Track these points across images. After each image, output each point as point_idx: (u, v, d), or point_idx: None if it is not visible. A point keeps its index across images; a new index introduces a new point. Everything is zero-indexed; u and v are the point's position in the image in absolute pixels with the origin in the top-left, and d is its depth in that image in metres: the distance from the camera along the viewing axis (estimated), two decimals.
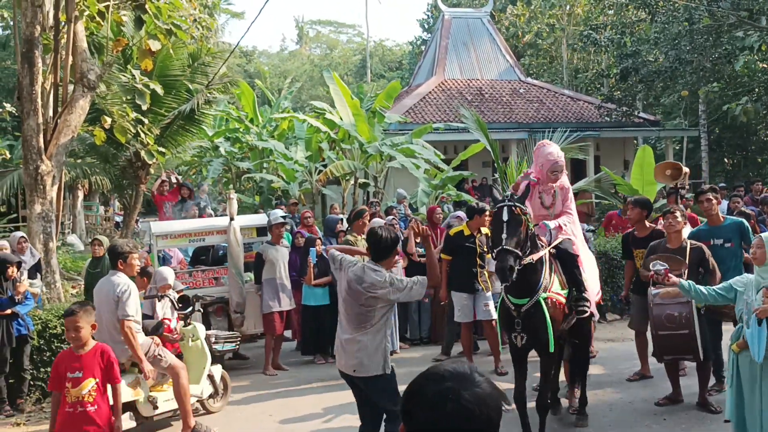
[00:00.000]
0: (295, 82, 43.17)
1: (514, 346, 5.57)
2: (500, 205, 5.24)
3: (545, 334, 5.29)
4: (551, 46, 36.26)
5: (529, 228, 5.28)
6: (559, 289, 5.54)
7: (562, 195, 5.91)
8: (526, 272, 5.28)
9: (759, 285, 4.96)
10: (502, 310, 5.57)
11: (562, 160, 5.87)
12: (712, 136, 28.17)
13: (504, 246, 5.04)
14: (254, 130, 22.00)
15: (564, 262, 5.66)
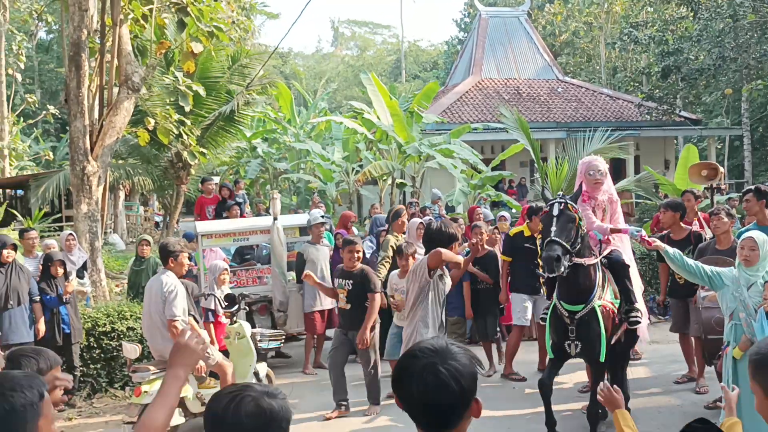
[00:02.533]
0: (330, 83, 43.43)
1: (565, 354, 5.52)
2: (551, 202, 5.26)
3: (599, 342, 5.24)
4: (588, 44, 35.86)
5: (581, 227, 5.24)
6: (612, 298, 5.51)
7: (611, 209, 5.91)
8: (579, 276, 5.26)
9: (749, 282, 4.94)
10: (554, 317, 5.52)
11: (600, 164, 5.82)
12: (755, 135, 27.59)
13: (552, 237, 5.04)
14: (291, 131, 22.19)
15: (616, 272, 5.61)
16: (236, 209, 10.71)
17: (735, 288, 5.00)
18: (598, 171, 5.79)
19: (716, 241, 6.38)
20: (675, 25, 21.38)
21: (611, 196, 5.90)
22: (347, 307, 6.62)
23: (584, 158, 6.09)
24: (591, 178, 5.80)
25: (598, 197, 5.84)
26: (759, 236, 5.07)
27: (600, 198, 5.85)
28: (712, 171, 9.46)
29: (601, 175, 5.81)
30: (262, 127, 24.55)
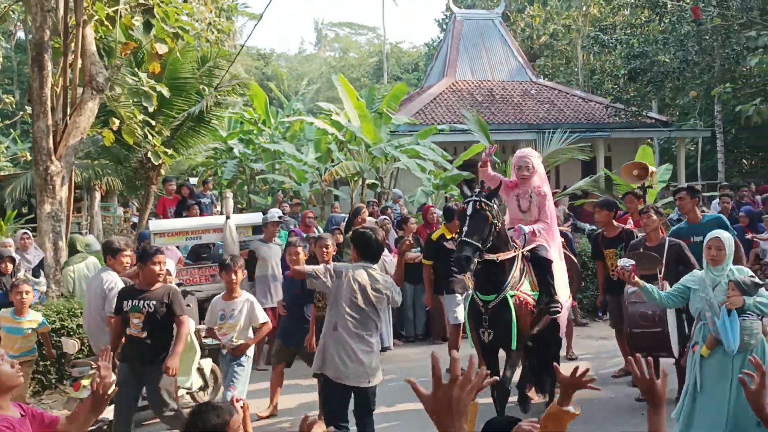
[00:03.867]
0: (312, 84, 43.52)
1: (482, 343, 5.71)
2: (467, 200, 5.42)
3: (510, 331, 5.42)
4: (567, 47, 36.18)
5: (495, 224, 5.39)
6: (529, 290, 5.68)
7: (538, 201, 6.00)
8: (493, 269, 5.43)
9: (714, 281, 5.08)
10: (472, 306, 5.72)
11: (530, 159, 5.98)
12: (728, 136, 27.95)
13: (463, 237, 5.22)
14: (266, 132, 22.29)
15: (537, 266, 5.78)
16: (195, 209, 10.83)
17: (702, 289, 5.14)
18: (527, 167, 5.95)
19: (646, 238, 6.59)
20: (641, 29, 21.68)
21: (539, 189, 6.02)
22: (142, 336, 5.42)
23: (518, 151, 6.22)
24: (519, 173, 5.98)
25: (525, 186, 6.00)
26: (725, 237, 5.20)
27: (527, 189, 5.99)
28: (643, 171, 9.73)
29: (529, 170, 5.96)
30: (240, 128, 24.64)
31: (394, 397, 7.20)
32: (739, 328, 4.93)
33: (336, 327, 4.73)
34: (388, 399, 7.15)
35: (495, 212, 5.44)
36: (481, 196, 5.44)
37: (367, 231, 5.04)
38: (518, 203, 6.06)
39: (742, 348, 4.95)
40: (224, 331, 5.90)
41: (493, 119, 22.45)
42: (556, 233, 6.24)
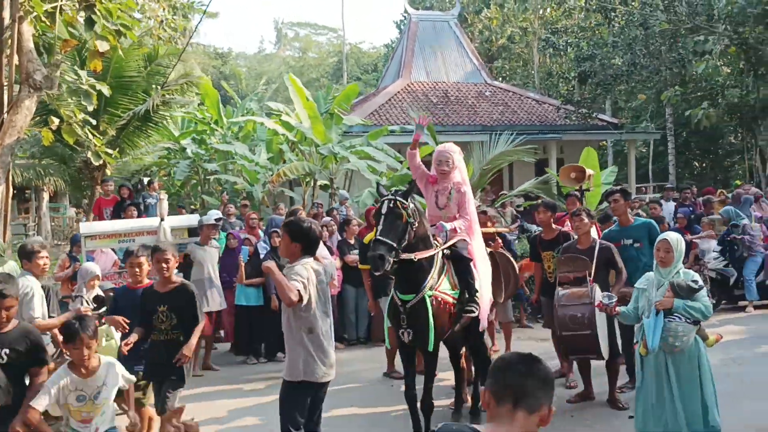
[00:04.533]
0: (271, 83, 43.13)
1: (402, 343, 5.65)
2: (382, 199, 5.36)
3: (427, 331, 5.37)
4: (524, 49, 36.51)
5: (411, 223, 5.32)
6: (449, 289, 5.62)
7: (458, 198, 5.96)
8: (412, 268, 5.37)
9: (660, 283, 5.13)
10: (391, 305, 5.64)
11: (450, 155, 5.91)
12: (679, 139, 28.50)
13: (377, 236, 5.15)
14: (219, 132, 22.00)
15: (457, 265, 5.74)
16: (132, 210, 10.58)
17: (648, 289, 5.19)
18: (446, 162, 5.91)
19: (577, 240, 6.61)
20: (591, 32, 21.97)
21: (459, 185, 5.98)
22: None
23: (439, 146, 6.15)
24: (438, 168, 5.93)
25: (445, 183, 5.95)
26: (673, 238, 5.24)
27: (447, 185, 5.95)
28: (580, 173, 9.83)
29: (449, 166, 5.91)
30: (193, 128, 24.29)
31: (334, 401, 7.13)
32: (661, 329, 4.98)
33: (312, 330, 4.56)
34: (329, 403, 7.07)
35: (411, 211, 5.35)
36: (396, 195, 5.37)
37: (305, 222, 4.82)
38: (436, 199, 6.01)
39: (668, 348, 4.99)
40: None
41: (448, 120, 22.51)
42: (477, 230, 6.18)
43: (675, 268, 5.13)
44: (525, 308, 10.50)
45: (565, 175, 10.22)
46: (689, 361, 5.03)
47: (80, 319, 4.50)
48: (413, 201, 5.51)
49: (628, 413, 6.27)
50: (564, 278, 6.32)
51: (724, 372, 7.41)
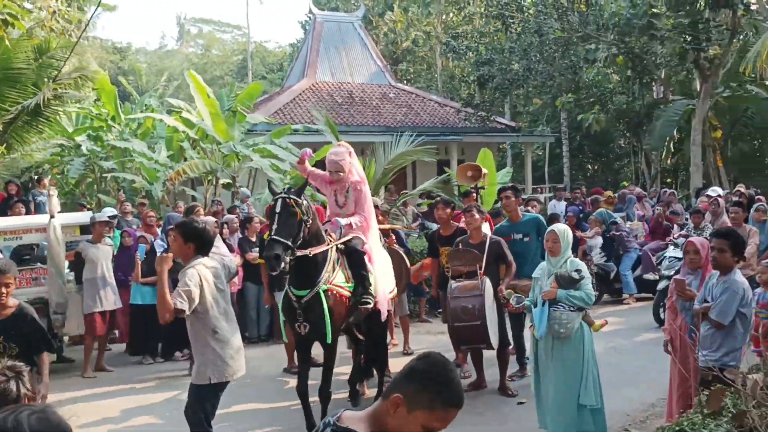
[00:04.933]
0: (172, 80, 41.99)
1: (299, 337, 5.73)
2: (275, 197, 5.42)
3: (323, 324, 5.47)
4: (428, 52, 37.22)
5: (305, 220, 5.41)
6: (343, 282, 5.75)
7: (355, 195, 6.11)
8: (305, 264, 5.46)
9: (550, 273, 5.46)
10: (286, 301, 5.71)
11: (343, 160, 6.04)
12: (573, 143, 29.87)
13: (273, 236, 5.21)
14: (116, 128, 21.27)
15: (350, 258, 5.87)
16: (20, 207, 10.12)
17: (542, 278, 5.50)
18: (338, 171, 6.04)
19: (470, 235, 6.89)
20: (490, 38, 22.70)
21: (356, 184, 6.12)
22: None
23: (331, 150, 6.29)
24: (331, 176, 6.06)
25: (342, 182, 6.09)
26: (560, 229, 5.55)
27: (344, 184, 6.09)
28: (476, 172, 10.25)
29: (342, 173, 6.05)
30: (89, 123, 23.36)
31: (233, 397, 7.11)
32: (547, 317, 5.30)
33: (216, 331, 4.53)
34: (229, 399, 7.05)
35: (305, 208, 5.44)
36: (289, 193, 5.44)
37: (197, 222, 4.85)
38: (335, 198, 6.15)
39: (555, 335, 5.32)
40: None
41: (352, 121, 22.67)
42: (374, 226, 6.34)
43: (563, 258, 5.48)
44: (425, 304, 10.76)
45: (461, 173, 10.58)
46: (574, 346, 5.38)
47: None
48: (306, 198, 5.58)
49: (517, 399, 6.60)
50: (456, 272, 6.57)
51: (606, 361, 7.88)
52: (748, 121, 23.87)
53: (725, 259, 4.67)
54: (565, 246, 5.51)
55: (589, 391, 5.29)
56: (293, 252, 5.29)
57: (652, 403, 6.26)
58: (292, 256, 5.28)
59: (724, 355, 4.61)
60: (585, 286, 5.40)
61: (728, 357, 4.57)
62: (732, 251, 4.65)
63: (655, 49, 19.41)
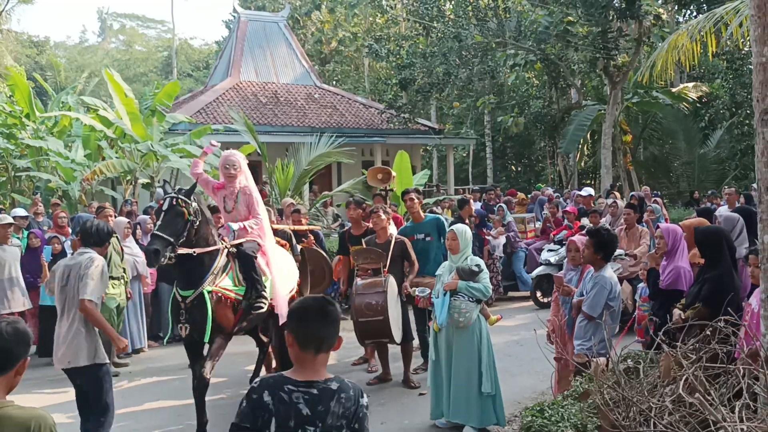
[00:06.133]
0: (93, 77, 40.81)
1: (184, 339, 5.87)
2: (165, 197, 5.58)
3: (205, 324, 5.61)
4: (354, 53, 37.52)
5: (192, 221, 5.58)
6: (231, 285, 5.89)
7: (245, 199, 6.26)
8: (191, 265, 5.62)
9: (452, 269, 5.83)
10: (173, 301, 5.85)
11: (236, 159, 6.22)
12: (496, 144, 30.74)
13: (155, 231, 5.39)
14: (30, 126, 20.66)
15: (242, 262, 6.04)
16: None
17: (444, 274, 5.89)
18: (233, 166, 6.21)
19: (377, 235, 7.19)
20: (412, 41, 23.19)
21: (245, 188, 6.28)
22: None
23: (224, 152, 6.44)
24: (226, 171, 6.22)
25: (231, 187, 6.26)
26: (459, 228, 5.95)
27: (233, 189, 6.26)
28: (386, 175, 10.60)
29: (236, 169, 6.21)
30: (2, 121, 22.59)
31: (145, 395, 7.23)
32: (448, 307, 5.68)
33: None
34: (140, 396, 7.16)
35: (193, 209, 5.60)
36: (179, 193, 5.60)
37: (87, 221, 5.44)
38: (224, 204, 6.31)
39: (454, 323, 5.70)
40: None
41: (277, 121, 22.74)
42: (269, 229, 6.50)
43: (463, 255, 5.89)
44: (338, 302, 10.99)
45: (372, 176, 10.89)
46: (471, 336, 5.76)
47: None
48: (196, 200, 5.73)
49: (419, 391, 6.94)
50: (362, 269, 6.86)
51: (506, 352, 8.36)
52: (657, 126, 25.21)
53: (589, 255, 5.12)
54: (464, 244, 5.90)
55: (488, 379, 5.68)
56: (174, 248, 5.42)
57: (542, 390, 6.68)
58: (173, 253, 5.42)
59: (595, 345, 5.04)
60: (483, 279, 5.81)
61: (599, 346, 5.00)
62: (595, 249, 5.10)
63: (570, 56, 20.27)
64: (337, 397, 2.51)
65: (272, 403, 2.45)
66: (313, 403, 2.47)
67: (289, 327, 2.61)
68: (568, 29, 19.49)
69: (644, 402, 3.42)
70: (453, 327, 5.78)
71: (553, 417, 3.62)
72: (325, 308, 2.60)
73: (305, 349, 2.53)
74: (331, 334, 2.59)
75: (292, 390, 2.47)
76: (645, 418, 3.50)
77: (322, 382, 2.52)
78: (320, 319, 2.56)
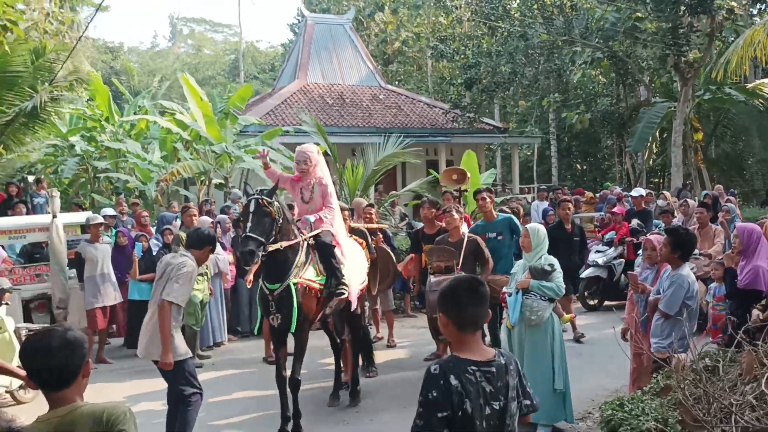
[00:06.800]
0: (164, 80, 42.25)
1: (273, 328, 6.15)
2: (249, 198, 5.84)
3: (291, 315, 5.88)
4: (417, 54, 37.66)
5: (276, 219, 5.84)
6: (314, 276, 6.14)
7: (321, 190, 6.45)
8: (277, 260, 5.88)
9: (525, 267, 5.95)
10: (260, 294, 6.12)
11: (308, 155, 6.39)
12: (562, 143, 30.40)
13: (247, 233, 5.64)
14: (110, 129, 21.62)
15: (321, 252, 6.28)
16: (21, 208, 10.53)
17: (519, 272, 6.01)
18: (304, 161, 6.39)
19: (449, 234, 7.34)
20: (476, 41, 23.18)
21: (321, 179, 6.43)
22: None
23: (299, 147, 6.55)
24: (298, 167, 6.44)
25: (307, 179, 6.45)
26: (532, 227, 6.09)
27: (309, 181, 6.44)
28: (461, 175, 10.69)
29: (307, 164, 6.35)
30: (82, 124, 23.68)
31: (222, 386, 7.58)
32: (520, 305, 5.81)
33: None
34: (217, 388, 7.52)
35: (276, 207, 5.85)
36: (262, 194, 5.86)
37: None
38: (302, 195, 6.52)
39: (526, 321, 5.82)
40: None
41: (343, 122, 23.09)
42: (340, 219, 6.68)
43: (537, 253, 5.98)
44: (411, 299, 11.19)
45: (446, 176, 10.99)
46: (543, 333, 5.87)
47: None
48: (277, 199, 5.99)
49: None
50: (435, 267, 7.02)
51: (577, 351, 8.41)
52: (730, 123, 24.48)
53: (666, 254, 5.16)
54: (536, 242, 6.01)
55: (560, 376, 5.78)
56: (265, 248, 5.70)
57: (616, 388, 6.72)
58: (264, 252, 5.70)
59: (673, 343, 5.08)
60: (556, 279, 5.91)
61: (677, 344, 5.04)
62: (672, 247, 5.13)
63: (638, 52, 19.94)
64: (508, 370, 2.66)
65: (460, 386, 2.53)
66: (494, 380, 2.59)
67: (442, 309, 2.71)
68: (636, 25, 19.20)
69: (726, 398, 3.49)
70: (525, 325, 5.90)
71: (633, 411, 3.72)
72: (475, 288, 2.71)
73: (463, 330, 2.65)
74: (483, 312, 2.70)
75: (474, 370, 2.58)
76: (725, 415, 3.57)
77: (495, 360, 2.64)
78: (472, 298, 2.67)
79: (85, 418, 2.48)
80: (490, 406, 2.56)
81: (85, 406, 2.53)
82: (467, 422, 2.53)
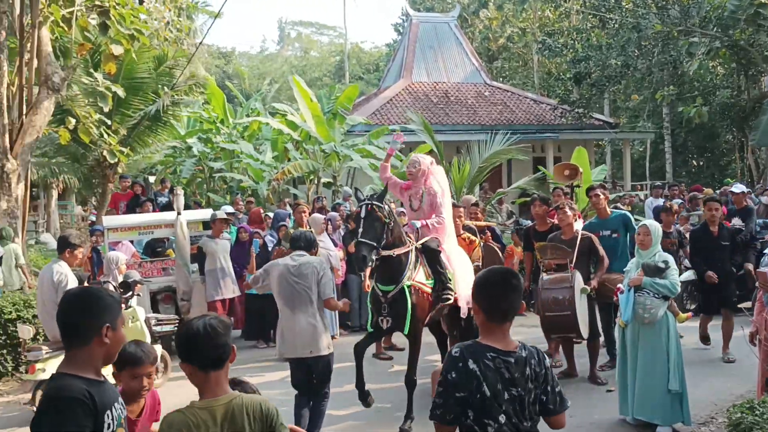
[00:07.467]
0: (273, 83, 43.72)
1: (380, 328, 6.21)
2: (360, 204, 5.92)
3: (405, 317, 5.93)
4: (522, 49, 37.07)
5: (387, 223, 5.88)
6: (424, 279, 6.18)
7: (429, 199, 6.44)
8: (390, 263, 5.95)
9: (639, 264, 5.84)
10: (373, 295, 6.19)
11: (420, 162, 6.42)
12: (677, 139, 29.07)
13: (359, 239, 5.71)
14: (225, 131, 22.60)
15: (428, 257, 6.30)
16: (148, 206, 11.21)
17: (632, 270, 5.95)
18: (413, 164, 6.43)
19: (562, 231, 7.22)
20: (587, 34, 22.54)
21: (430, 188, 6.44)
22: None
23: (411, 156, 6.68)
24: (407, 170, 6.49)
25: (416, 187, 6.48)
26: (651, 224, 6.01)
27: (418, 189, 6.46)
28: (573, 171, 10.44)
29: (415, 167, 6.39)
30: (198, 127, 24.91)
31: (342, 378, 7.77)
32: (632, 303, 5.68)
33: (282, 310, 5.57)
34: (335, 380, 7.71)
35: (387, 212, 5.90)
36: (372, 199, 5.93)
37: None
38: (410, 203, 6.56)
39: (639, 320, 5.69)
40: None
41: (448, 120, 23.09)
42: (451, 229, 6.69)
43: (653, 251, 5.82)
44: None
45: (559, 172, 10.82)
46: (658, 332, 5.71)
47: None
48: (388, 204, 6.07)
49: (606, 387, 6.90)
50: (548, 265, 6.94)
51: (697, 352, 8.05)
52: None
53: None
54: (655, 240, 5.86)
55: (675, 376, 5.59)
56: (378, 252, 5.79)
57: (741, 393, 6.40)
58: (377, 256, 5.79)
59: None
60: (671, 276, 5.73)
61: None
62: None
63: (762, 40, 18.78)
64: (529, 363, 2.71)
65: (479, 370, 2.64)
66: (512, 369, 2.66)
67: (474, 298, 2.81)
68: (759, 12, 18.07)
69: None
70: (638, 323, 5.75)
71: (765, 414, 3.56)
72: (507, 279, 2.78)
73: (491, 319, 2.73)
74: (515, 303, 2.77)
75: (494, 357, 2.66)
76: None
77: (516, 352, 2.71)
78: (504, 289, 2.74)
79: (250, 408, 2.54)
80: (508, 391, 2.65)
81: (240, 397, 2.59)
82: (487, 404, 2.63)
